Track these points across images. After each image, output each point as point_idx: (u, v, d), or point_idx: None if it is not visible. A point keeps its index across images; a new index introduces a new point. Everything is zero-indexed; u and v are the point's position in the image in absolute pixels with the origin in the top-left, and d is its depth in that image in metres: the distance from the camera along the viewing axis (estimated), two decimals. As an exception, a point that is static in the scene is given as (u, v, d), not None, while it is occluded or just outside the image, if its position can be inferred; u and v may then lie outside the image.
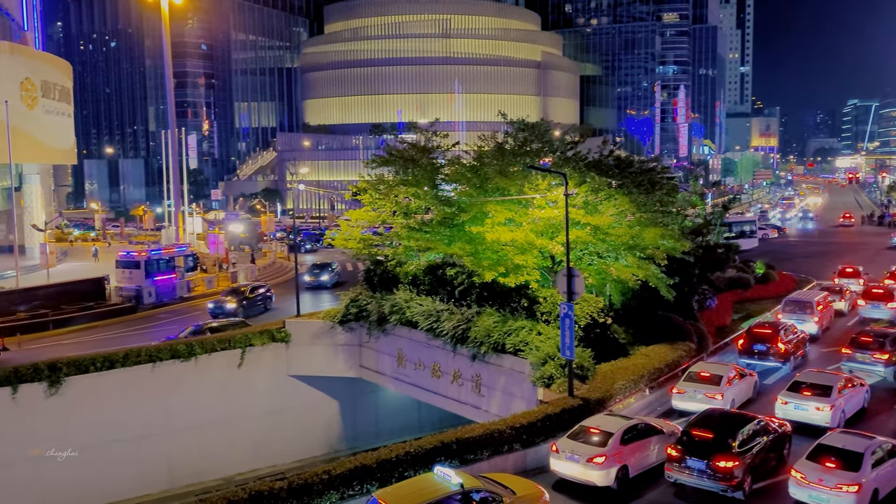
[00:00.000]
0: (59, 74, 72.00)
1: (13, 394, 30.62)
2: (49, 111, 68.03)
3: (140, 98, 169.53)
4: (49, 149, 69.12)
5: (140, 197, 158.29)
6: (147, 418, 33.78)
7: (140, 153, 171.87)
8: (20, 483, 30.68)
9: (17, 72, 63.05)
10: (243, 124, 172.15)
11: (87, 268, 63.51)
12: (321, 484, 19.08)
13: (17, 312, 43.81)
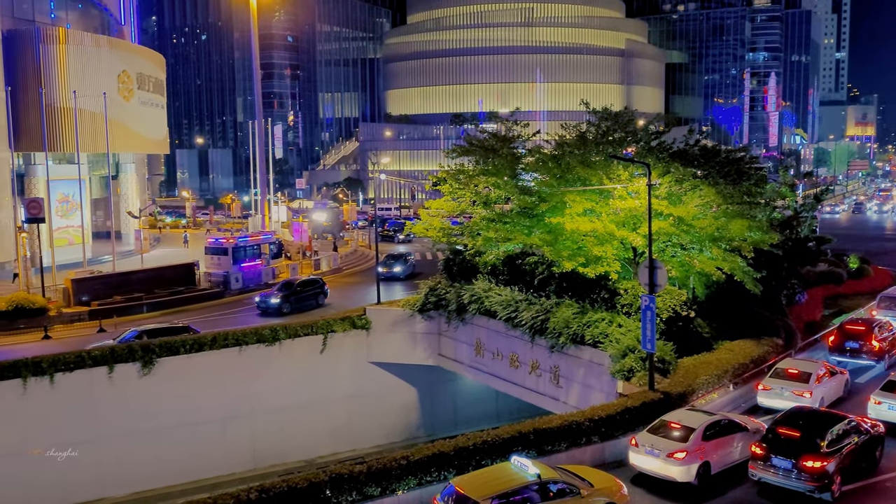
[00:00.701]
0: (154, 67, 74.74)
1: (109, 373, 32.12)
2: (144, 103, 70.73)
3: (229, 89, 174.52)
4: (144, 139, 71.90)
5: (228, 186, 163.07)
6: (233, 400, 34.93)
7: (228, 143, 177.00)
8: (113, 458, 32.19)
9: (114, 65, 65.75)
10: (327, 114, 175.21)
11: (177, 254, 65.95)
12: (399, 469, 19.36)
13: (113, 296, 45.82)
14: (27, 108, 58.53)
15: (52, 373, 31.11)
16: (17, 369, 30.60)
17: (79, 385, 31.64)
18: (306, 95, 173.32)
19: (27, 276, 48.49)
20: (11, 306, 41.49)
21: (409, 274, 55.74)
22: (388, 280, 52.88)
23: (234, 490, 17.77)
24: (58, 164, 62.88)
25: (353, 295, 49.41)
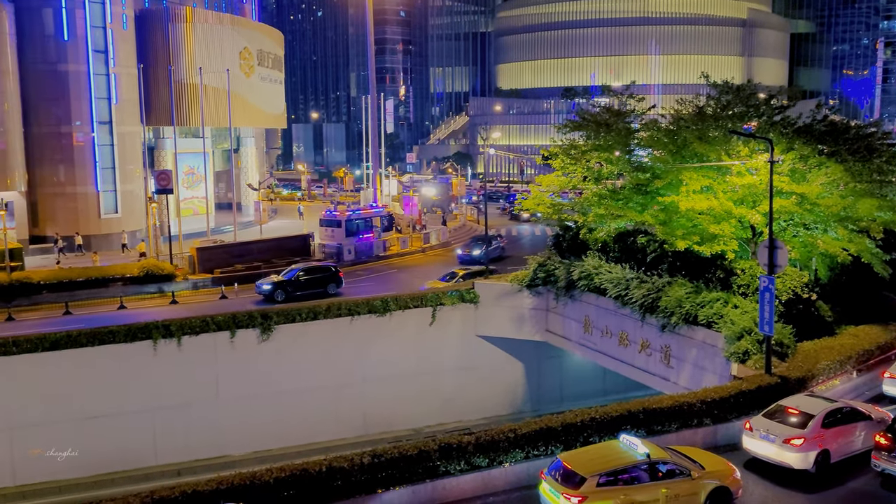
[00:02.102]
0: (273, 44, 77.14)
1: (231, 337, 33.81)
2: (263, 78, 73.20)
3: (343, 65, 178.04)
4: (263, 114, 74.51)
5: (341, 159, 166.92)
6: (345, 368, 36.14)
7: (342, 118, 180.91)
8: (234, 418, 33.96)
9: (236, 42, 68.27)
10: (437, 89, 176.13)
11: (293, 225, 68.21)
12: (507, 442, 19.58)
13: (234, 264, 47.96)
14: (157, 84, 61.61)
15: (179, 335, 33.06)
16: (148, 331, 32.69)
17: (204, 348, 33.48)
18: (417, 70, 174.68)
19: (156, 244, 51.39)
20: (143, 272, 44.12)
21: (494, 258, 51.44)
22: (468, 264, 48.89)
23: (348, 454, 18.45)
24: (184, 137, 66.03)
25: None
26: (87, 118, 57.09)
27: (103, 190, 58.06)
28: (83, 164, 57.36)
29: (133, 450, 32.26)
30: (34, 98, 56.42)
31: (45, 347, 31.32)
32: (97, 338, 32.08)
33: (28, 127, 56.35)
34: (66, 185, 57.42)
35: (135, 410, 32.48)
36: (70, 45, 56.11)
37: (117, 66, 58.12)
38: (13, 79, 54.84)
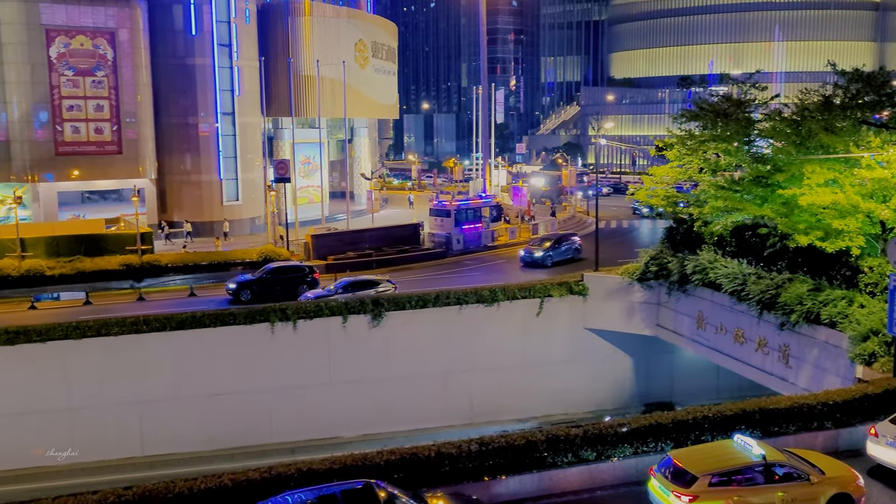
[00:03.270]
0: (387, 35, 78.47)
1: (344, 323, 34.81)
2: (377, 70, 74.62)
3: (454, 56, 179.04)
4: (376, 105, 76.00)
5: (451, 149, 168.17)
6: (453, 356, 36.55)
7: (452, 108, 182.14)
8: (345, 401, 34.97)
9: (352, 34, 69.86)
10: (548, 79, 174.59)
11: (403, 214, 69.43)
12: (616, 436, 19.39)
13: (347, 251, 49.30)
14: (276, 77, 63.85)
15: (295, 319, 34.27)
16: (266, 314, 34.05)
17: (317, 332, 34.62)
18: (528, 60, 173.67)
19: (274, 230, 53.38)
20: (261, 257, 45.93)
21: (562, 260, 47.86)
22: (529, 266, 46.92)
23: (456, 440, 18.73)
24: (301, 128, 68.16)
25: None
26: (212, 109, 59.87)
27: (226, 178, 60.81)
28: (208, 153, 60.21)
29: (251, 427, 33.72)
30: (164, 90, 59.65)
31: (171, 327, 33.12)
32: (219, 319, 33.68)
33: (158, 118, 59.62)
34: (192, 173, 60.44)
35: (253, 390, 33.93)
36: (197, 40, 58.92)
37: (240, 60, 60.60)
38: (146, 72, 58.10)
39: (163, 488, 17.22)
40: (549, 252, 47.50)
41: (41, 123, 55.23)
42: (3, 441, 31.09)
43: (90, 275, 42.99)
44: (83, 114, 56.43)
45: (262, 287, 40.04)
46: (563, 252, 48.43)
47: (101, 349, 32.33)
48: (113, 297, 42.10)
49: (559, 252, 48.17)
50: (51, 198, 56.92)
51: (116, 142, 57.56)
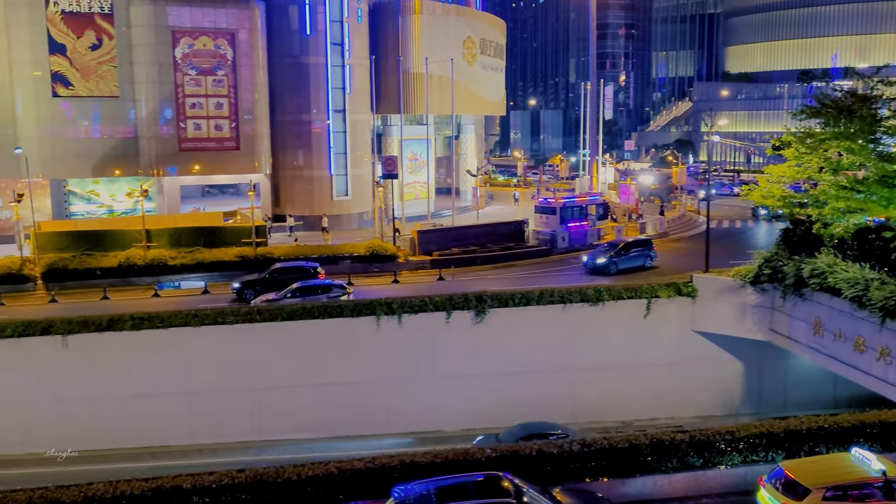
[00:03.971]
0: (495, 32, 78.56)
1: (447, 318, 35.20)
2: (485, 67, 74.83)
3: (563, 51, 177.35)
4: (483, 101, 76.25)
5: (557, 146, 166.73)
6: (556, 355, 36.34)
7: (560, 104, 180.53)
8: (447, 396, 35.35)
9: (461, 32, 70.32)
10: (659, 74, 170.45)
11: (508, 211, 69.39)
12: (724, 443, 18.89)
13: (451, 247, 49.75)
14: (386, 74, 65.01)
15: (400, 313, 34.92)
16: (372, 307, 34.85)
17: (422, 326, 35.14)
18: (639, 55, 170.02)
19: (381, 225, 54.46)
20: (369, 252, 47.03)
21: (630, 269, 44.40)
22: (592, 272, 44.21)
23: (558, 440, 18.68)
24: (409, 125, 69.16)
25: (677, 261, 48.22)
26: (324, 107, 61.59)
27: (336, 174, 62.44)
28: (319, 149, 62.00)
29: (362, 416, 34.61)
30: (279, 88, 61.79)
31: (282, 317, 34.36)
32: (327, 311, 34.71)
33: (273, 115, 61.84)
34: (304, 168, 62.37)
35: (360, 380, 34.79)
36: (311, 40, 60.72)
37: (352, 58, 62.06)
38: (263, 71, 60.36)
39: (273, 472, 17.94)
40: (613, 258, 44.46)
41: (166, 120, 58.27)
42: (128, 421, 33.08)
43: (208, 265, 45.20)
44: (204, 111, 59.15)
45: (264, 287, 40.06)
46: (631, 259, 44.95)
47: (217, 337, 33.90)
48: (229, 286, 43.97)
49: (627, 259, 44.79)
50: (174, 191, 59.98)
51: (234, 138, 60.07)
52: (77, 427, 32.78)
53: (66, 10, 55.62)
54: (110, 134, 57.88)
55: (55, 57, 55.80)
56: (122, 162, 58.21)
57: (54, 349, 32.72)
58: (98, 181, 59.59)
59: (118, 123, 57.88)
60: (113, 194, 60.32)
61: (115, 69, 57.15)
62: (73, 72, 56.28)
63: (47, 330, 32.71)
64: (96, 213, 59.62)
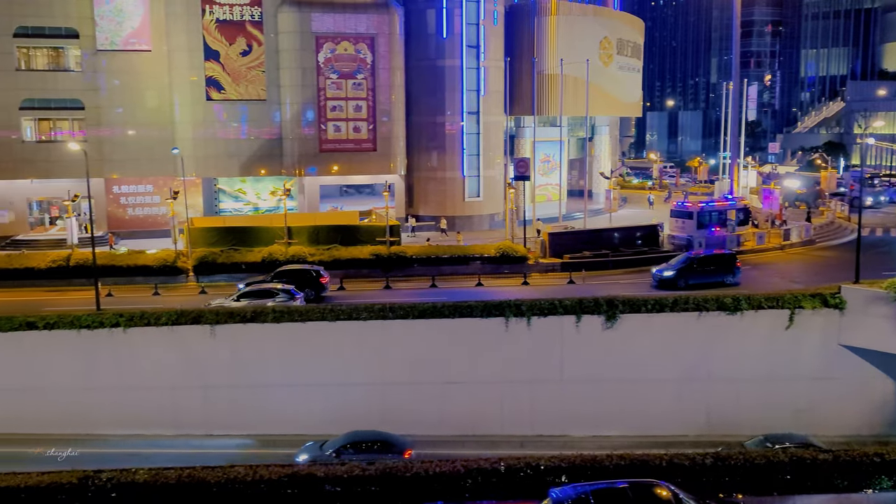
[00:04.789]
0: (633, 31, 76.96)
1: (577, 322, 34.83)
2: (621, 67, 73.45)
3: (703, 50, 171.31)
4: (619, 102, 74.86)
5: (696, 148, 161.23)
6: (689, 364, 35.22)
7: (699, 105, 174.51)
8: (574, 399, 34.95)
9: (597, 32, 69.36)
10: (808, 73, 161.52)
11: (642, 215, 67.86)
12: (872, 466, 17.80)
13: (583, 251, 49.19)
14: (520, 76, 65.05)
15: (529, 315, 34.87)
16: (501, 308, 34.98)
17: (551, 329, 34.94)
18: (786, 53, 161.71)
19: (512, 227, 54.56)
20: (499, 253, 47.24)
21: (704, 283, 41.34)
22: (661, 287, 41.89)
23: (691, 452, 18.20)
24: (542, 126, 68.89)
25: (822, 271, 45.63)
26: (458, 109, 62.36)
27: (468, 175, 63.11)
28: (453, 150, 62.84)
29: (483, 416, 34.83)
30: (415, 91, 63.12)
31: (414, 315, 35.07)
32: (458, 310, 35.12)
33: (409, 117, 63.23)
34: (438, 170, 63.38)
35: (486, 381, 35.01)
36: (447, 42, 61.63)
37: (487, 60, 62.51)
38: (400, 74, 61.85)
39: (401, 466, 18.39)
40: (683, 272, 42.06)
41: (308, 122, 60.74)
42: (266, 409, 34.73)
43: (344, 262, 46.79)
44: (344, 114, 61.24)
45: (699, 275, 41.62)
46: (705, 274, 42.12)
47: (351, 332, 35.02)
48: (363, 283, 45.36)
49: (700, 274, 42.15)
50: (314, 190, 62.45)
51: (372, 140, 61.85)
52: (219, 412, 34.74)
53: (220, 19, 59.04)
54: (257, 135, 60.99)
55: (209, 63, 59.37)
56: (267, 162, 61.19)
57: (203, 337, 34.81)
58: (245, 180, 62.92)
59: (264, 125, 60.90)
60: (258, 192, 63.51)
61: (263, 74, 60.16)
62: (225, 77, 59.68)
63: (197, 319, 34.84)
64: (243, 211, 63.01)
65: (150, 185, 60.44)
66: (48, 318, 35.11)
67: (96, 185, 56.17)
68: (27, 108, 57.71)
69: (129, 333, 34.75)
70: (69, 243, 51.53)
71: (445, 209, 62.93)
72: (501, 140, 64.33)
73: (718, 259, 43.15)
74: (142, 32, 58.29)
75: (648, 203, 75.35)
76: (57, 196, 57.60)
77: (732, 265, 42.87)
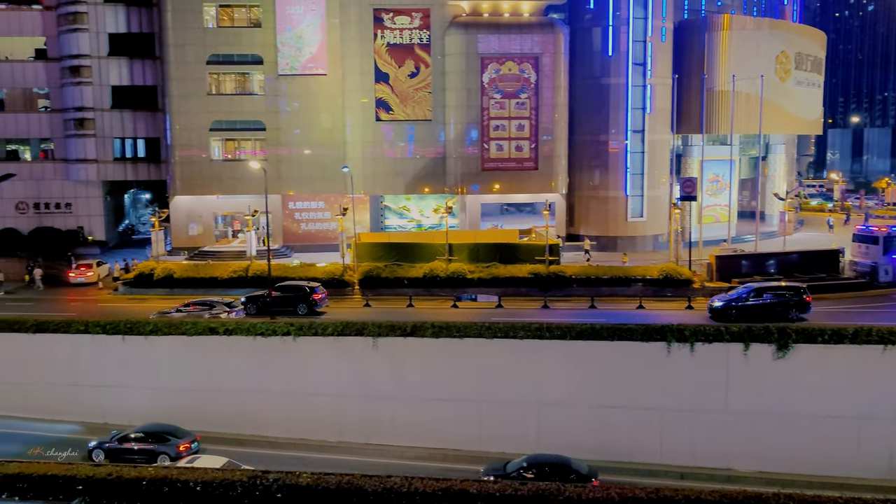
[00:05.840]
0: (814, 45, 72.63)
1: (745, 350, 33.15)
2: (799, 83, 69.47)
3: (893, 63, 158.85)
4: (796, 120, 70.79)
5: (883, 168, 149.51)
6: (871, 401, 32.60)
7: (888, 121, 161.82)
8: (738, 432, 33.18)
9: (773, 46, 66.01)
10: None
11: (820, 238, 63.67)
12: None
13: (752, 275, 46.71)
14: (688, 93, 63.04)
15: (692, 341, 33.59)
16: (663, 333, 33.92)
17: (715, 357, 33.46)
18: None
19: (676, 249, 52.81)
20: (662, 275, 45.84)
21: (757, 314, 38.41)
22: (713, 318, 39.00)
23: (870, 497, 16.78)
24: (711, 145, 66.33)
25: None
26: (622, 127, 61.34)
27: (631, 195, 61.81)
28: (616, 170, 61.80)
29: (640, 444, 33.81)
30: (578, 109, 62.75)
31: (571, 336, 34.71)
32: (617, 333, 34.43)
33: (571, 136, 62.88)
34: (600, 189, 62.52)
35: (645, 407, 33.98)
36: (613, 60, 60.86)
37: (653, 78, 61.13)
38: (563, 93, 61.71)
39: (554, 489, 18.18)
40: (734, 303, 39.08)
41: (471, 142, 61.80)
42: (424, 422, 35.44)
43: (503, 280, 47.09)
44: (506, 133, 61.83)
45: (266, 302, 42.32)
46: (761, 308, 38.78)
47: (507, 350, 35.13)
48: (521, 302, 45.40)
49: (754, 307, 38.80)
50: (475, 208, 63.36)
51: (533, 158, 62.00)
52: (380, 422, 35.85)
53: (390, 43, 61.44)
54: (422, 154, 62.76)
55: (379, 85, 61.85)
56: (431, 180, 62.79)
57: (365, 349, 36.14)
58: (409, 198, 64.87)
59: (429, 145, 62.58)
60: (421, 210, 65.26)
61: (429, 94, 61.92)
62: (393, 98, 61.96)
63: (361, 331, 36.23)
64: (406, 227, 64.92)
65: (322, 201, 63.60)
66: (227, 324, 37.74)
67: (273, 201, 59.89)
68: (216, 130, 62.47)
69: (299, 342, 36.68)
70: (248, 255, 55.15)
71: (607, 229, 61.94)
72: (667, 159, 62.56)
73: (782, 290, 39.80)
74: (319, 57, 61.67)
75: (828, 226, 70.60)
76: (239, 211, 61.87)
77: (799, 298, 39.25)
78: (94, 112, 63.64)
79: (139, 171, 65.77)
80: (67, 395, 38.38)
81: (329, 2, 60.85)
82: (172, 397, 37.14)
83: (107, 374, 38.28)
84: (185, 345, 37.58)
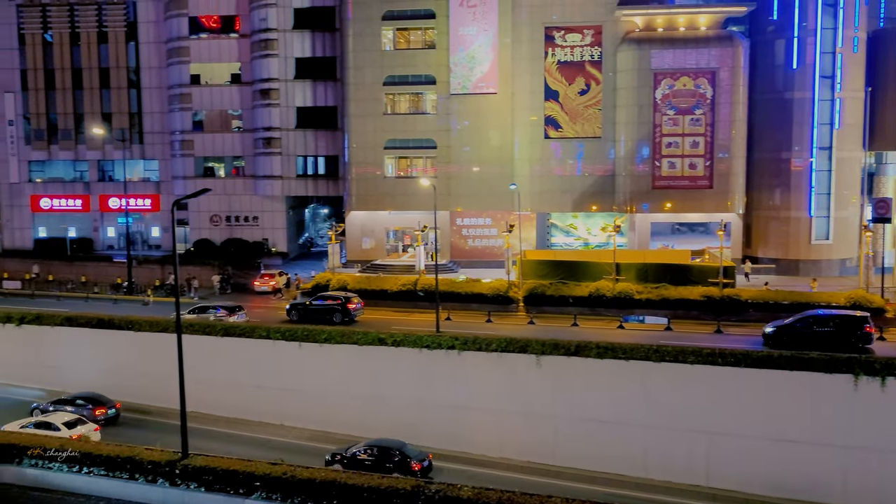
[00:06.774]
0: None
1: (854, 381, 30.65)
2: None
3: None
4: None
5: None
6: None
7: None
8: None
9: None
10: None
11: None
12: None
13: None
14: (884, 107, 58.50)
15: (884, 375, 31.01)
16: (850, 365, 31.56)
17: None
18: None
19: (867, 274, 48.95)
20: (849, 303, 42.61)
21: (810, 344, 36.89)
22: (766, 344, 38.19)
23: None
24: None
25: None
26: (807, 144, 57.74)
27: (816, 216, 57.96)
28: (798, 189, 58.23)
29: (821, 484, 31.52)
30: (757, 125, 59.78)
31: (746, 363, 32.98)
32: (796, 363, 32.40)
33: (749, 153, 59.93)
34: (780, 209, 59.11)
35: (826, 443, 31.67)
36: (797, 74, 57.53)
37: (843, 91, 57.19)
38: (742, 108, 59.00)
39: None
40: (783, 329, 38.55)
41: (642, 159, 60.37)
42: (586, 443, 34.83)
43: (672, 302, 45.61)
44: (679, 150, 59.88)
45: (306, 311, 46.67)
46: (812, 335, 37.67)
47: (676, 375, 33.88)
48: (692, 325, 43.73)
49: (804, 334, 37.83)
50: (644, 227, 61.75)
51: (708, 176, 59.62)
52: (540, 440, 35.61)
53: (561, 60, 61.38)
54: (590, 172, 62.06)
55: (549, 102, 61.90)
56: (599, 198, 61.91)
57: (528, 367, 36.08)
58: (576, 215, 64.27)
59: (598, 162, 61.79)
60: (589, 228, 64.46)
61: (599, 111, 61.20)
62: (562, 115, 61.78)
63: (524, 349, 36.23)
64: (572, 245, 64.36)
65: (489, 218, 64.36)
66: (395, 335, 38.97)
67: (442, 217, 61.30)
68: (390, 148, 64.92)
69: (463, 356, 37.22)
70: (417, 269, 56.72)
71: (788, 251, 58.40)
72: (858, 178, 58.19)
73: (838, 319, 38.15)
74: (490, 76, 62.65)
75: None
76: (409, 226, 63.85)
77: (860, 328, 37.43)
78: (281, 132, 68.05)
79: (319, 187, 69.54)
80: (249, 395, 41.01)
81: (501, 22, 61.74)
82: (341, 404, 38.80)
83: (284, 378, 40.57)
84: (356, 354, 39.14)
